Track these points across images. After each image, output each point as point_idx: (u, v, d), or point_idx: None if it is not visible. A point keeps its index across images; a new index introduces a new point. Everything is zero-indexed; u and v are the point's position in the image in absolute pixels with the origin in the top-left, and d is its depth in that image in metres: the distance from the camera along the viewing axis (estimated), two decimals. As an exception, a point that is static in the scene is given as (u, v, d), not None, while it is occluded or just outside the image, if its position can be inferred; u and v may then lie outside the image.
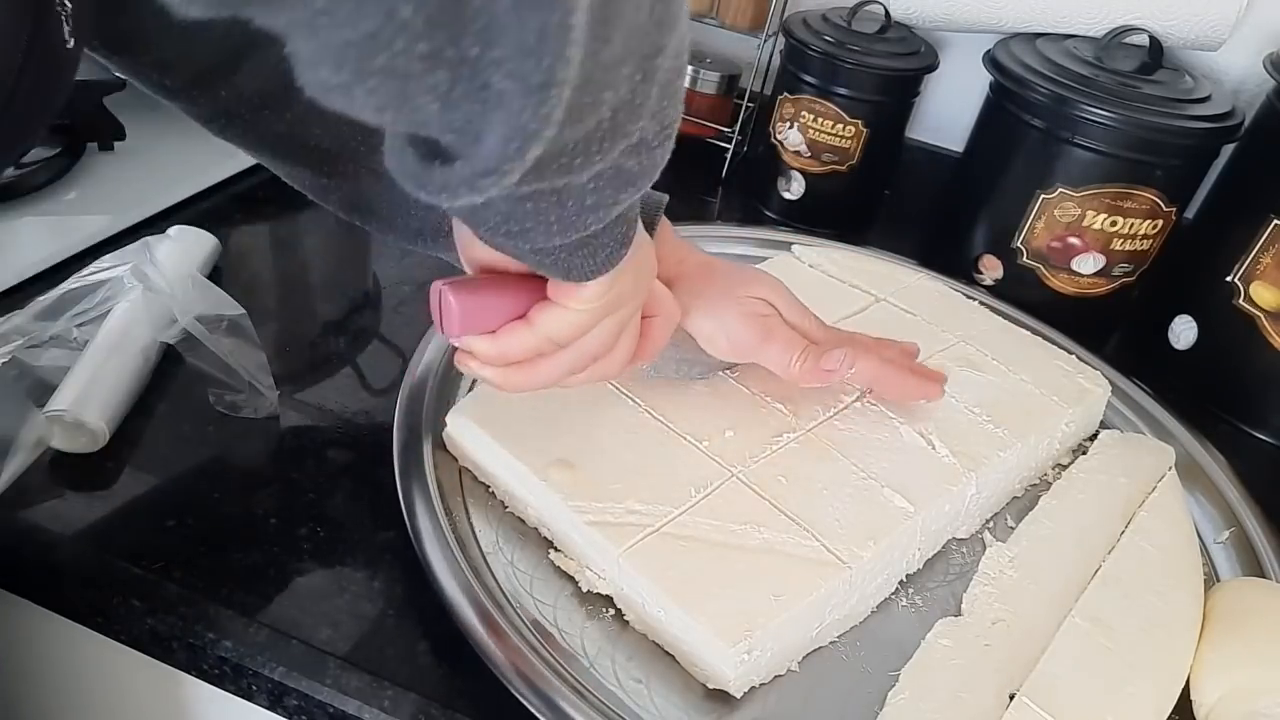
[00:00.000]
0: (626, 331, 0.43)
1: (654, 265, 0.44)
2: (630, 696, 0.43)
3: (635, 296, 0.42)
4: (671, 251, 0.52)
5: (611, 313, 0.41)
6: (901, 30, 0.83)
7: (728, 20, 0.88)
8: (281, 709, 0.44)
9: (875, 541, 0.48)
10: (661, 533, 0.46)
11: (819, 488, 0.50)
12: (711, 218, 0.89)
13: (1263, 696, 0.45)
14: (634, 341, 0.44)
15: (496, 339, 0.40)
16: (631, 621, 0.46)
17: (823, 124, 0.82)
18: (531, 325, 0.40)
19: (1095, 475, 0.59)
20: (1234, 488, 0.60)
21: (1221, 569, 0.56)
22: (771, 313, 0.52)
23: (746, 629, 0.42)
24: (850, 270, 0.71)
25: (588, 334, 0.41)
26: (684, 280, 0.51)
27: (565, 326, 0.40)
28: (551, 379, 0.42)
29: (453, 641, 0.43)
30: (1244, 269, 0.69)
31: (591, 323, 0.40)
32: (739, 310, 0.51)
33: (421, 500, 0.48)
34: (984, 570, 0.52)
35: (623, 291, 0.40)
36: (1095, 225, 0.73)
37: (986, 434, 0.56)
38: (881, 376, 0.54)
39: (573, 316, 0.39)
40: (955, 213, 0.83)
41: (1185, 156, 0.71)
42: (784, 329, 0.52)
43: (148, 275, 0.59)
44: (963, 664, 0.46)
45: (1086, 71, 0.72)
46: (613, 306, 0.40)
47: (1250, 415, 0.72)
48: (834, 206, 0.87)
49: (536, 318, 0.39)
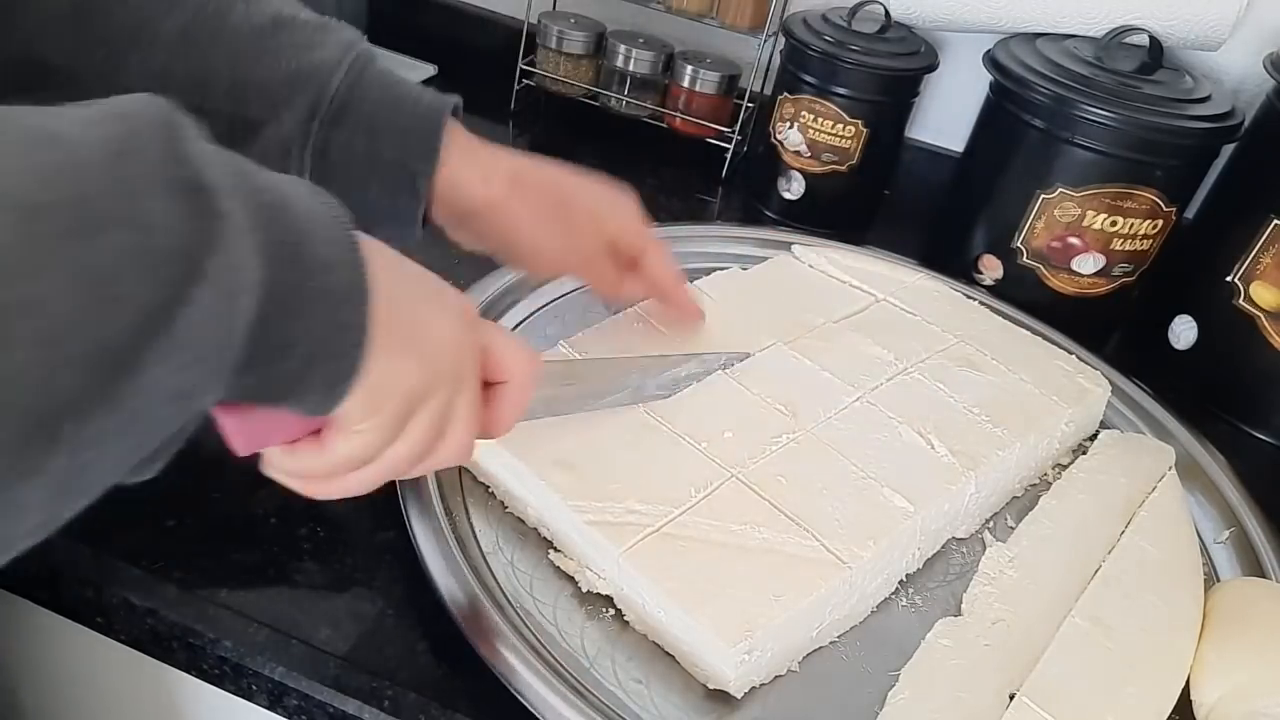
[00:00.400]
0: (455, 417, 0.36)
1: (455, 329, 0.35)
2: (630, 697, 0.43)
3: (442, 380, 0.35)
4: (475, 165, 0.49)
5: (413, 412, 0.34)
6: (901, 30, 0.83)
7: (728, 20, 0.88)
8: (281, 709, 0.44)
9: (875, 541, 0.48)
10: (662, 533, 0.46)
11: (819, 488, 0.50)
12: (711, 218, 0.89)
13: (1263, 696, 0.45)
14: (470, 422, 0.37)
15: (293, 457, 0.34)
16: (631, 622, 0.46)
17: (823, 124, 0.82)
18: (322, 448, 0.34)
19: (1095, 475, 0.59)
20: (1234, 488, 0.60)
21: (1221, 569, 0.56)
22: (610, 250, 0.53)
23: (747, 629, 0.42)
24: (850, 270, 0.71)
25: (392, 444, 0.35)
26: (516, 212, 0.49)
27: (355, 448, 0.34)
28: (367, 488, 0.36)
29: (453, 641, 0.43)
30: (1244, 269, 0.69)
31: (385, 436, 0.34)
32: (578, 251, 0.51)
33: (421, 500, 0.48)
34: (984, 570, 0.52)
35: (410, 387, 0.33)
36: (1095, 225, 0.73)
37: (986, 434, 0.56)
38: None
39: (357, 439, 0.33)
40: (955, 213, 0.83)
41: (1185, 156, 0.71)
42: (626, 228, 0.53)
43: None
44: (963, 664, 0.46)
45: (1086, 71, 0.72)
46: (407, 407, 0.34)
47: (1250, 415, 0.72)
48: (834, 206, 0.87)
49: (326, 439, 0.34)
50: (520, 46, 0.95)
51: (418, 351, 0.33)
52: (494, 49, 1.00)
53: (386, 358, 0.31)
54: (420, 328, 0.34)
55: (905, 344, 0.63)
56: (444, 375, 0.35)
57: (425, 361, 0.34)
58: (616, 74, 0.94)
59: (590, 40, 0.93)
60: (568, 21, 0.94)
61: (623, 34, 0.94)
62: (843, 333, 0.63)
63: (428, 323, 0.34)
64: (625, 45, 0.92)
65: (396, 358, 0.32)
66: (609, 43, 0.93)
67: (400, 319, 0.32)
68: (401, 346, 0.32)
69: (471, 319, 0.37)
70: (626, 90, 0.94)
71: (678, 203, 0.89)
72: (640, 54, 0.92)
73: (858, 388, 0.58)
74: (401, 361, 0.32)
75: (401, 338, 0.32)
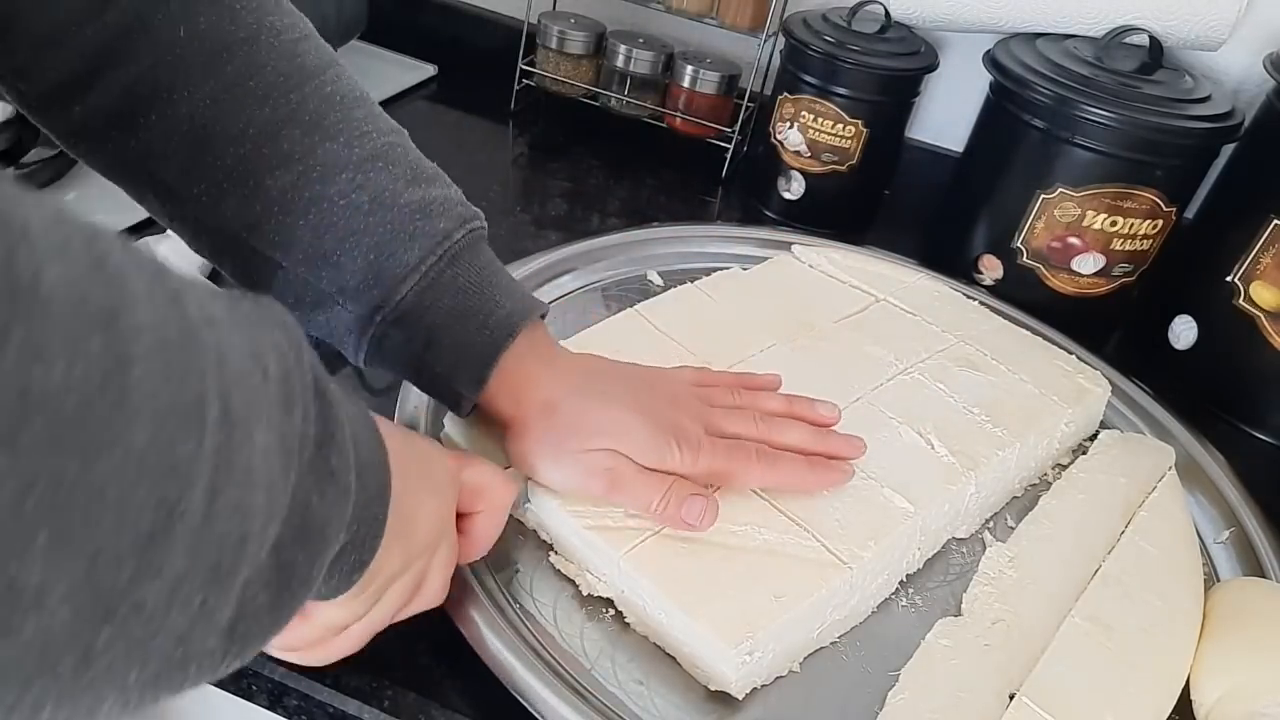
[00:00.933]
0: (430, 573, 0.39)
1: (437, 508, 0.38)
2: (631, 698, 0.43)
3: (420, 555, 0.37)
4: (512, 390, 0.46)
5: (393, 583, 0.37)
6: (901, 30, 0.83)
7: (728, 20, 0.88)
8: (281, 709, 0.44)
9: (876, 541, 0.48)
10: (662, 535, 0.46)
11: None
12: (711, 218, 0.89)
13: (1263, 696, 0.45)
14: (444, 573, 0.40)
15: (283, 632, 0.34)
16: (632, 623, 0.46)
17: (823, 124, 0.82)
18: (307, 618, 0.35)
19: (1095, 475, 0.59)
20: (1234, 488, 0.60)
21: (1221, 569, 0.56)
22: (616, 464, 0.45)
23: (748, 630, 0.42)
24: (850, 270, 0.71)
25: (374, 607, 0.37)
26: (520, 427, 0.46)
27: (340, 618, 0.36)
28: (352, 649, 0.38)
29: (453, 641, 0.43)
30: (1244, 269, 0.69)
31: (365, 606, 0.36)
32: (579, 467, 0.45)
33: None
34: (984, 570, 0.52)
35: (393, 571, 0.36)
36: (1095, 225, 0.73)
37: (986, 434, 0.56)
38: (771, 484, 0.48)
39: (338, 610, 0.36)
40: (955, 213, 0.83)
41: (1185, 156, 0.71)
42: (635, 476, 0.45)
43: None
44: (962, 664, 0.46)
45: (1086, 71, 0.72)
46: (387, 584, 0.36)
47: (1250, 415, 0.72)
48: (834, 206, 0.87)
49: (311, 610, 0.35)
50: (520, 46, 0.95)
51: (405, 540, 0.36)
52: (494, 49, 1.00)
53: (384, 548, 0.33)
54: (412, 517, 0.36)
55: (905, 344, 0.63)
56: (424, 551, 0.38)
57: (410, 546, 0.36)
58: (616, 74, 0.94)
59: (590, 40, 0.93)
60: (568, 21, 0.94)
61: (623, 34, 0.94)
62: (843, 333, 0.63)
63: (417, 510, 0.36)
64: (625, 45, 0.92)
65: (389, 548, 0.34)
66: (609, 43, 0.93)
67: (400, 511, 0.34)
68: (395, 537, 0.34)
69: (453, 473, 0.40)
70: (626, 90, 0.94)
71: (678, 203, 0.89)
72: (640, 54, 0.92)
73: (858, 388, 0.58)
74: (391, 550, 0.34)
75: (396, 532, 0.34)
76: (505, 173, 0.91)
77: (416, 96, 0.99)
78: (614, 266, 0.71)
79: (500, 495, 0.43)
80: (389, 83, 0.97)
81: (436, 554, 0.39)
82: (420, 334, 0.45)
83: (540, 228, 0.80)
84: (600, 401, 0.46)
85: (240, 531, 0.22)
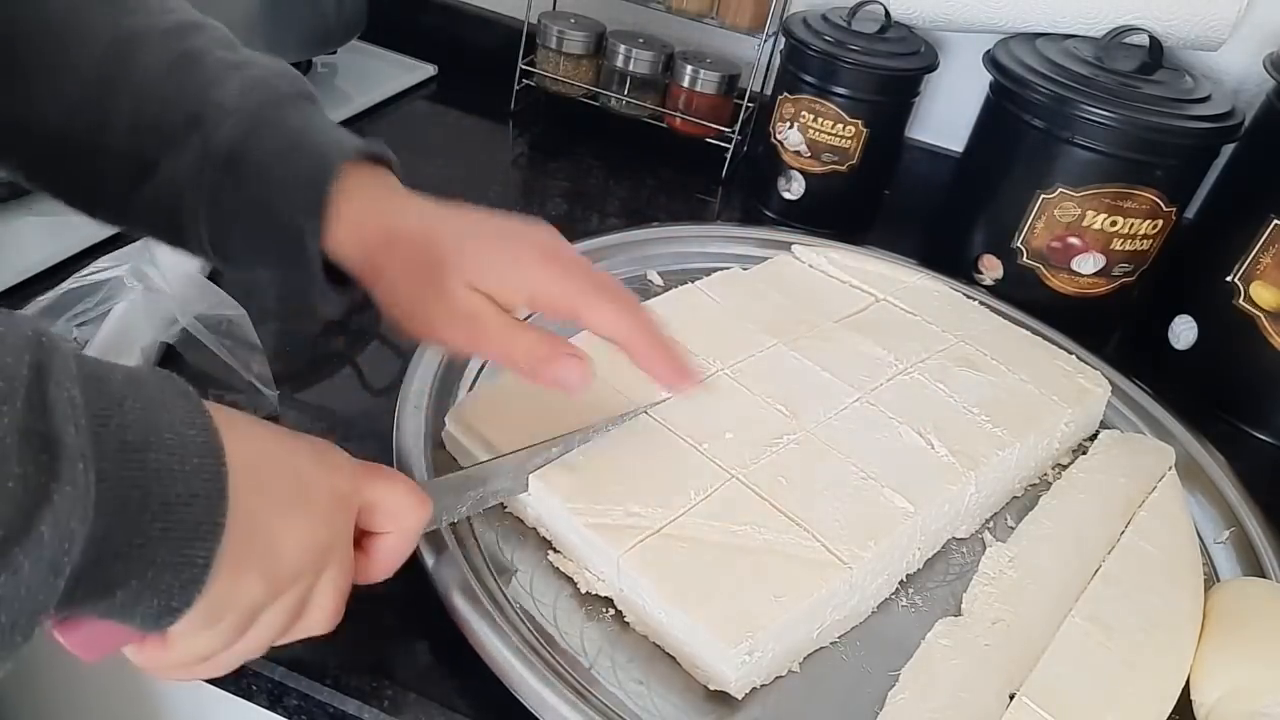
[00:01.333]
0: (316, 597, 0.35)
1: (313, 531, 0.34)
2: (631, 698, 0.43)
3: (292, 583, 0.33)
4: (379, 226, 0.43)
5: (258, 615, 0.33)
6: (901, 30, 0.83)
7: (728, 20, 0.88)
8: (281, 709, 0.44)
9: (876, 541, 0.48)
10: (662, 534, 0.46)
11: (819, 488, 0.50)
12: (711, 218, 0.89)
13: (1263, 696, 0.45)
14: (335, 597, 0.36)
15: (142, 652, 0.33)
16: (632, 623, 0.46)
17: (823, 124, 0.82)
18: (167, 646, 0.32)
19: (1095, 475, 0.59)
20: (1234, 488, 0.60)
21: (1222, 569, 0.56)
22: (482, 309, 0.42)
23: (748, 630, 0.42)
24: (850, 270, 0.71)
25: (246, 634, 0.33)
26: (389, 273, 0.43)
27: (201, 646, 0.33)
28: (225, 670, 0.35)
29: (453, 641, 0.43)
30: (1244, 269, 0.69)
31: (229, 638, 0.33)
32: (445, 314, 0.42)
33: (421, 500, 0.48)
34: (984, 570, 0.52)
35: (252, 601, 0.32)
36: (1095, 225, 0.73)
37: (986, 434, 0.56)
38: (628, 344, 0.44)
39: (200, 641, 0.32)
40: (955, 213, 0.83)
41: (1185, 156, 0.71)
42: (498, 326, 0.42)
43: (148, 275, 0.59)
44: (963, 664, 0.46)
45: (1086, 71, 0.72)
46: (250, 615, 0.33)
47: (1250, 415, 0.72)
48: (834, 206, 0.87)
49: (171, 639, 0.32)
50: (520, 46, 0.95)
51: (265, 568, 0.32)
52: (494, 49, 1.00)
53: (230, 578, 0.30)
54: (274, 542, 0.32)
55: (905, 344, 0.63)
56: (296, 578, 0.34)
57: (273, 575, 0.32)
58: (616, 74, 0.94)
59: (590, 40, 0.93)
60: (568, 21, 0.94)
61: (623, 34, 0.94)
62: (843, 333, 0.63)
63: (283, 534, 0.32)
64: (625, 45, 0.92)
65: (238, 577, 0.31)
66: (609, 43, 0.93)
67: (254, 537, 0.31)
68: (246, 564, 0.31)
69: (345, 496, 0.35)
70: (626, 90, 0.94)
71: (678, 203, 0.89)
72: (640, 54, 0.92)
73: (858, 388, 0.58)
74: (243, 580, 0.31)
75: (247, 554, 0.31)
76: (505, 173, 0.91)
77: (416, 96, 0.99)
78: (614, 266, 0.71)
79: (410, 518, 0.38)
80: (389, 83, 0.97)
81: (321, 577, 0.35)
82: (253, 173, 0.42)
83: (540, 228, 0.80)
84: (467, 236, 0.43)
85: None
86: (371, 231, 0.42)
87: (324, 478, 0.35)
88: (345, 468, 0.36)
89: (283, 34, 0.83)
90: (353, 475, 0.36)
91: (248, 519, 0.30)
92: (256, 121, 0.42)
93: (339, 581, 0.36)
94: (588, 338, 0.46)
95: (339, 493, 0.35)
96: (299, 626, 0.36)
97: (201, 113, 0.42)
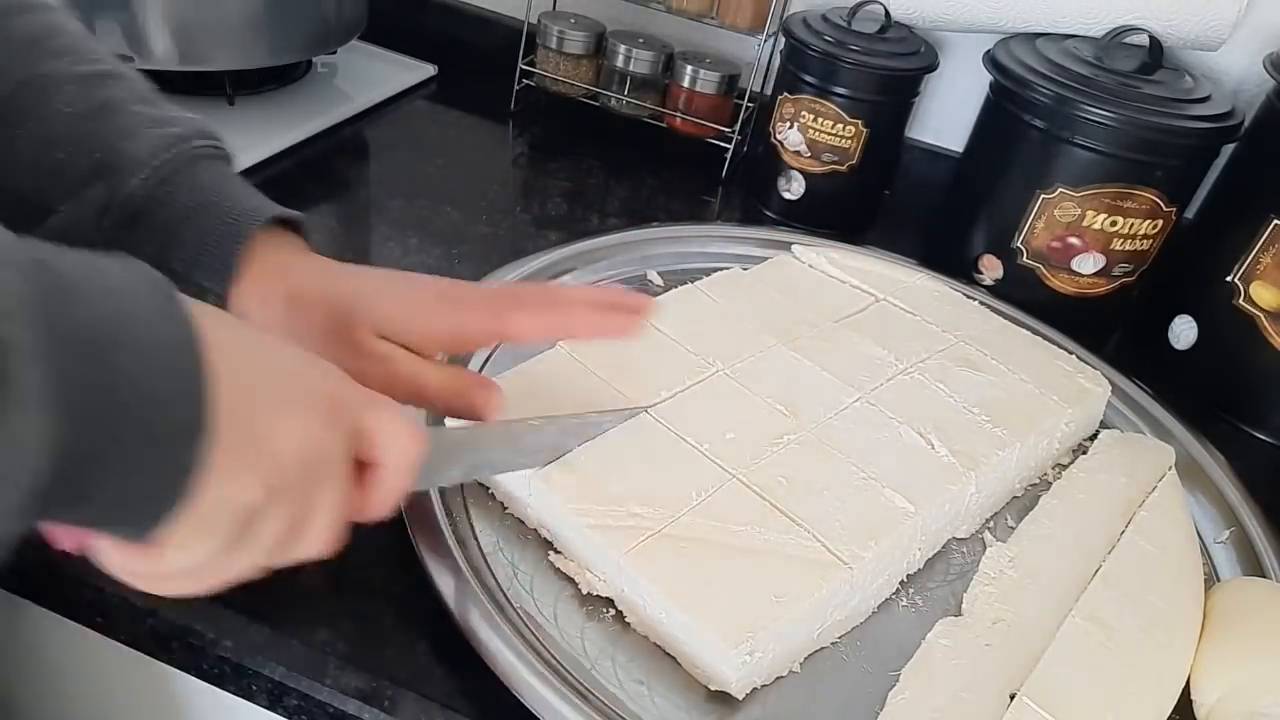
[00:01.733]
0: (312, 514, 0.33)
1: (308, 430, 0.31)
2: (632, 698, 0.43)
3: (289, 488, 0.31)
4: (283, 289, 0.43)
5: (254, 523, 0.31)
6: (901, 30, 0.83)
7: (728, 20, 0.88)
8: (281, 709, 0.44)
9: (876, 542, 0.48)
10: (663, 535, 0.46)
11: (820, 488, 0.50)
12: (711, 218, 0.89)
13: (1263, 696, 0.45)
14: (331, 518, 0.34)
15: (126, 557, 0.30)
16: (633, 623, 0.46)
17: (823, 124, 0.82)
18: (156, 556, 0.30)
19: (1096, 475, 0.59)
20: (1234, 488, 0.60)
21: (1222, 569, 0.56)
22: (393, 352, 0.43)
23: (748, 630, 0.42)
24: (850, 270, 0.71)
25: (242, 543, 0.31)
26: (300, 330, 0.42)
27: (189, 559, 0.30)
28: (219, 584, 0.32)
29: (453, 641, 0.43)
30: (1244, 269, 0.69)
31: (221, 548, 0.30)
32: (358, 364, 0.42)
33: (421, 501, 0.48)
34: (984, 570, 0.52)
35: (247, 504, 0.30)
36: (1095, 225, 0.73)
37: (986, 434, 0.56)
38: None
39: (191, 552, 0.30)
40: (955, 213, 0.83)
41: (1185, 156, 0.71)
42: (409, 367, 0.43)
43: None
44: (963, 664, 0.46)
45: (1086, 71, 0.72)
46: (245, 523, 0.30)
47: (1250, 415, 0.72)
48: (834, 206, 0.87)
49: (159, 548, 0.29)
50: (520, 46, 0.95)
51: (259, 468, 0.30)
52: (494, 49, 1.00)
53: (220, 481, 0.28)
54: (265, 439, 0.30)
55: (905, 344, 0.63)
56: (292, 483, 0.31)
57: (267, 476, 0.30)
58: (616, 74, 0.94)
59: (590, 40, 0.93)
60: (568, 21, 0.94)
61: (623, 34, 0.94)
62: (843, 333, 0.63)
63: (274, 431, 0.30)
64: (625, 45, 0.92)
65: (232, 479, 0.29)
66: (609, 43, 0.93)
67: (242, 433, 0.29)
68: (240, 465, 0.29)
69: (343, 402, 0.33)
70: (626, 90, 0.94)
71: (678, 203, 0.89)
72: (640, 54, 0.92)
73: (858, 388, 0.58)
74: (238, 482, 0.29)
75: (241, 455, 0.29)
76: (505, 173, 0.91)
77: (416, 96, 0.99)
78: (614, 266, 0.71)
79: (403, 451, 0.35)
80: (389, 83, 0.97)
81: (320, 493, 0.32)
82: (155, 234, 0.42)
83: (540, 228, 0.80)
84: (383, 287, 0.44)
85: None
86: (276, 294, 0.43)
87: (320, 380, 0.33)
88: (345, 378, 0.35)
89: (283, 34, 0.83)
90: (353, 388, 0.35)
91: (240, 418, 0.28)
92: (167, 178, 0.42)
93: (336, 499, 0.33)
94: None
95: (337, 397, 0.33)
96: (297, 545, 0.33)
97: (111, 162, 0.41)
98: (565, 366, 0.56)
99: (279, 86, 0.90)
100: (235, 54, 0.55)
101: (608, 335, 0.46)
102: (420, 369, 0.43)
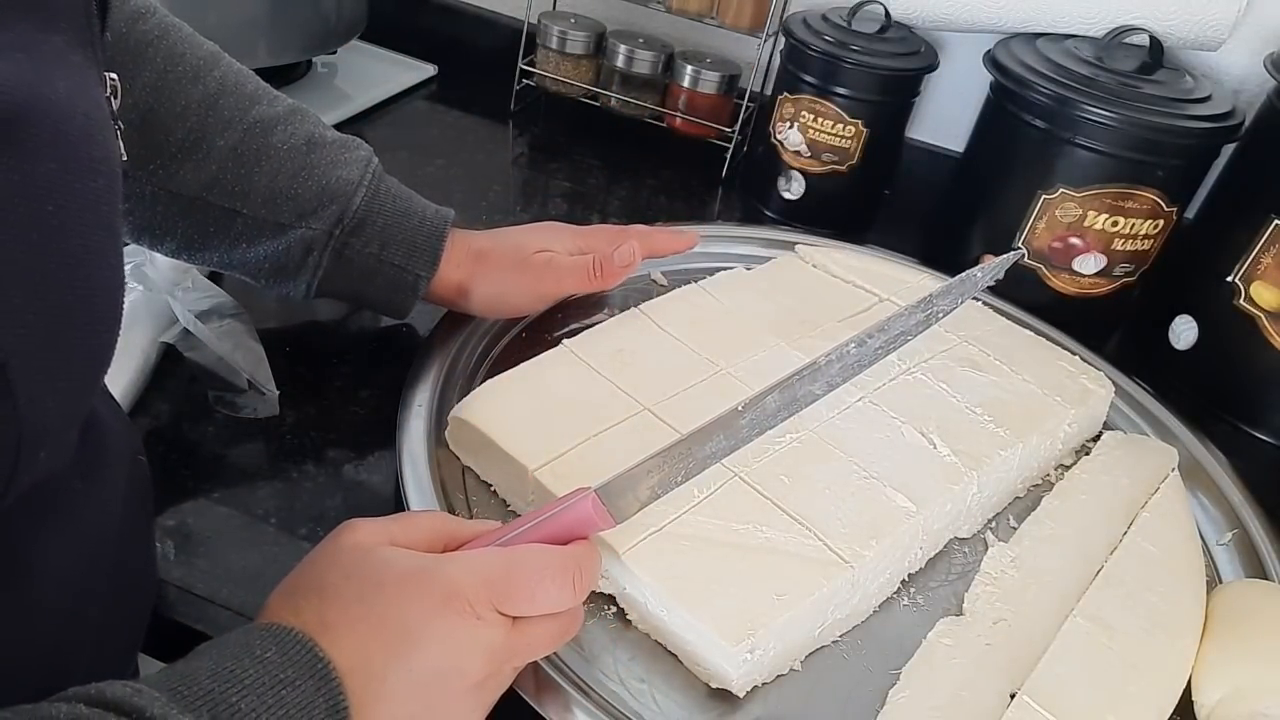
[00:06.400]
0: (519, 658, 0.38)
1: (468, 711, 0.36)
2: (633, 696, 0.42)
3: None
4: (457, 258, 0.57)
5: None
6: (901, 30, 0.83)
7: (728, 20, 0.88)
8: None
9: (877, 541, 0.47)
10: (664, 532, 0.46)
11: (821, 487, 0.50)
12: (711, 218, 0.89)
13: (1264, 697, 0.45)
14: (550, 641, 0.39)
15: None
16: (634, 621, 0.46)
17: (823, 124, 0.82)
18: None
19: (1098, 476, 0.59)
20: (1237, 489, 0.60)
21: (1224, 570, 0.56)
22: (551, 254, 0.59)
23: (749, 628, 0.42)
24: (853, 270, 0.71)
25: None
26: (488, 275, 0.58)
27: None
28: None
29: (454, 641, 0.43)
30: (1244, 269, 0.69)
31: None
32: (530, 272, 0.58)
33: (424, 500, 0.48)
34: (986, 570, 0.51)
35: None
36: (1096, 225, 0.73)
37: (989, 434, 0.56)
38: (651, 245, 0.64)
39: None
40: (955, 213, 0.83)
41: (1186, 156, 0.71)
42: (568, 260, 0.60)
43: (147, 275, 0.58)
44: (964, 663, 0.46)
45: (1087, 71, 0.72)
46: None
47: (1251, 415, 0.72)
48: (834, 206, 0.87)
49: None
50: (520, 46, 0.95)
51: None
52: (494, 49, 1.00)
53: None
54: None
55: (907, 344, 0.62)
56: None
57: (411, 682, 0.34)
58: (616, 74, 0.94)
59: (590, 40, 0.93)
60: (568, 21, 0.94)
61: (623, 34, 0.94)
62: (846, 332, 0.63)
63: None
64: (625, 45, 0.92)
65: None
66: (609, 43, 0.93)
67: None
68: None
69: (503, 644, 0.36)
70: (626, 90, 0.94)
71: (678, 203, 0.89)
72: (640, 54, 0.92)
73: (861, 387, 0.58)
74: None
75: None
76: (505, 173, 0.91)
77: (416, 96, 0.99)
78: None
79: (553, 646, 0.40)
80: (389, 83, 0.97)
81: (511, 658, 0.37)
82: (375, 236, 0.55)
83: (541, 227, 0.80)
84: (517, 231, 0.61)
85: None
86: (464, 261, 0.57)
87: (464, 655, 0.35)
88: (494, 649, 0.36)
89: (283, 34, 0.83)
90: (501, 627, 0.36)
91: None
92: (375, 193, 0.55)
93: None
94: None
95: (497, 638, 0.36)
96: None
97: (334, 188, 0.53)
98: (568, 364, 0.56)
99: (279, 86, 0.89)
100: (235, 54, 0.55)
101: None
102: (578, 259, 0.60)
